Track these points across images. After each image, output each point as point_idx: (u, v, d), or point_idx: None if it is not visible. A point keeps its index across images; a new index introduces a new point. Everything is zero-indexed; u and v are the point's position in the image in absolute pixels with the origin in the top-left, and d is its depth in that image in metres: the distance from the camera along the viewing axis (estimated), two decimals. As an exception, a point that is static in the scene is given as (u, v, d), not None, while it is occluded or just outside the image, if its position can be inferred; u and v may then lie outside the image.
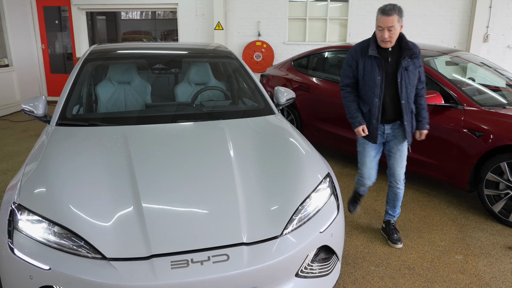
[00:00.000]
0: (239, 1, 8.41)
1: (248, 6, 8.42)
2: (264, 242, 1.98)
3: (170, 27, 15.73)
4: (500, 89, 4.59)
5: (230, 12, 8.47)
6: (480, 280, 2.84)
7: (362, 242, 3.31)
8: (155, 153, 2.48)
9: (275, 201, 2.19)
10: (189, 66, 3.92)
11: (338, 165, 5.10)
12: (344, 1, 8.34)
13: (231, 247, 1.92)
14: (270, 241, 2.00)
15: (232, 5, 8.44)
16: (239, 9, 8.45)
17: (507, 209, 3.62)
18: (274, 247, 1.98)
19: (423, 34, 8.17)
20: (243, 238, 1.96)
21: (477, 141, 3.69)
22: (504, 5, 7.87)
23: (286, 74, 5.75)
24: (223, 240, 1.95)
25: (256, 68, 8.42)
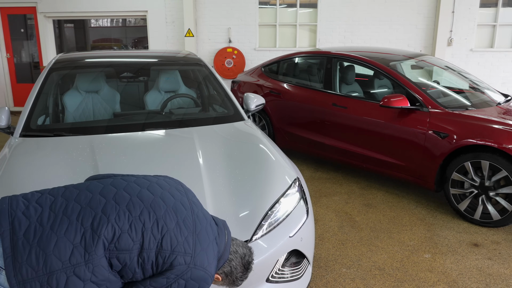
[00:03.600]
0: (209, 8, 8.42)
1: (218, 13, 8.44)
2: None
3: (141, 34, 15.56)
4: (463, 91, 4.76)
5: (201, 19, 8.47)
6: (448, 277, 2.92)
7: (334, 245, 3.35)
8: (123, 162, 2.45)
9: (244, 207, 2.20)
10: (159, 74, 3.90)
11: (310, 169, 5.16)
12: (313, 7, 8.48)
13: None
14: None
15: (202, 12, 8.44)
16: (209, 16, 8.46)
17: (472, 207, 3.74)
18: (243, 253, 1.98)
19: (390, 38, 8.39)
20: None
21: (442, 142, 3.81)
22: (466, 10, 8.18)
23: (257, 80, 5.79)
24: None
25: (227, 74, 8.44)
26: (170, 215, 1.50)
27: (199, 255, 1.49)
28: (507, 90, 8.13)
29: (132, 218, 1.44)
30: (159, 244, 1.44)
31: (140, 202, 1.49)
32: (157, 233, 1.45)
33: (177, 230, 1.49)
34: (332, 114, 4.72)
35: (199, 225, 1.55)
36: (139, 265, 1.44)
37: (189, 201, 1.62)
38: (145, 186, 1.57)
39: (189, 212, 1.56)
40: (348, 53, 4.97)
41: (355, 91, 5.00)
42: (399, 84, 4.30)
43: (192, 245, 1.49)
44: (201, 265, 1.49)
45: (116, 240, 1.41)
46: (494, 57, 8.39)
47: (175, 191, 1.61)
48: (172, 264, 1.44)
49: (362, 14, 8.34)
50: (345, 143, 4.64)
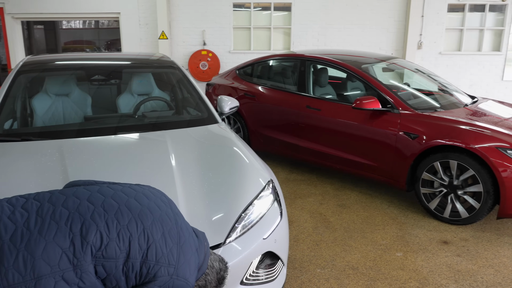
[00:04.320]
0: (183, 10, 8.38)
1: (193, 15, 8.41)
2: (207, 252, 1.97)
3: (115, 36, 15.31)
4: (433, 93, 4.89)
5: (175, 21, 8.41)
6: (419, 275, 3.00)
7: (309, 246, 3.38)
8: (94, 167, 2.41)
9: (218, 210, 2.20)
10: (131, 77, 3.85)
11: (285, 171, 5.19)
12: (287, 11, 8.55)
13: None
14: (213, 251, 1.99)
15: (176, 14, 8.39)
16: (183, 18, 8.41)
17: (441, 206, 3.85)
18: (217, 256, 1.98)
19: (362, 41, 8.54)
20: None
21: (412, 142, 3.90)
22: (435, 14, 8.42)
23: (232, 83, 5.79)
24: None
25: (202, 77, 8.41)
26: (156, 226, 1.51)
27: (182, 267, 1.51)
28: (474, 92, 8.40)
29: (120, 227, 1.44)
30: (144, 254, 1.45)
31: (128, 212, 1.49)
32: (143, 243, 1.46)
33: (163, 241, 1.49)
34: (306, 116, 4.77)
35: (183, 237, 1.57)
36: (123, 273, 1.44)
37: (173, 212, 1.63)
38: (133, 196, 1.57)
39: (173, 223, 1.57)
40: (322, 56, 5.04)
41: (329, 93, 5.07)
42: (371, 87, 4.39)
43: (176, 256, 1.50)
44: (183, 276, 1.51)
45: (104, 248, 1.40)
46: (462, 60, 8.66)
47: (160, 202, 1.62)
48: (155, 275, 1.45)
49: (335, 17, 8.47)
50: (319, 145, 4.70)
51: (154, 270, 1.45)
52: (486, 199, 3.53)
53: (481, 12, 8.55)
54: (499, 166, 3.41)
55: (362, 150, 4.32)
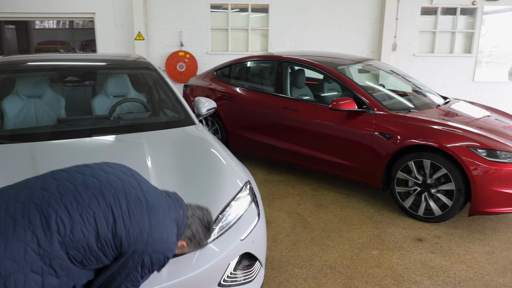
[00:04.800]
0: (160, 11, 8.30)
1: (170, 16, 8.34)
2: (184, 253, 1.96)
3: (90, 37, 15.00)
4: (407, 94, 5.00)
5: (151, 22, 8.33)
6: (394, 272, 3.05)
7: (287, 246, 3.40)
8: (67, 170, 2.35)
9: (195, 212, 2.18)
10: (106, 78, 3.79)
11: (263, 172, 5.21)
12: (265, 12, 8.59)
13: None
14: (189, 253, 1.98)
15: (153, 15, 8.31)
16: (160, 19, 8.34)
17: (416, 204, 3.93)
18: (194, 258, 1.97)
19: (339, 43, 8.66)
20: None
21: (387, 142, 3.98)
22: (409, 17, 8.61)
23: (210, 84, 5.77)
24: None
25: (179, 78, 8.35)
26: (120, 198, 1.51)
27: (155, 230, 1.53)
28: (446, 92, 8.63)
29: (81, 208, 1.44)
30: (113, 228, 1.46)
31: (86, 190, 1.48)
32: (109, 217, 1.46)
33: (130, 211, 1.51)
34: (284, 117, 4.79)
35: (151, 201, 1.59)
36: (99, 250, 1.45)
37: (137, 180, 1.63)
38: (88, 173, 1.56)
39: (138, 190, 1.58)
40: (299, 57, 5.08)
41: (306, 94, 5.11)
42: (347, 88, 4.45)
43: (147, 222, 1.52)
44: (160, 238, 1.53)
45: (70, 232, 1.40)
46: (435, 61, 8.88)
47: (120, 173, 1.62)
48: (130, 244, 1.48)
49: (312, 19, 8.55)
50: (296, 146, 4.73)
51: (128, 240, 1.47)
52: (458, 197, 3.63)
53: (452, 15, 8.78)
54: (470, 164, 3.52)
55: (339, 150, 4.38)
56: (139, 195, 1.56)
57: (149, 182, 1.69)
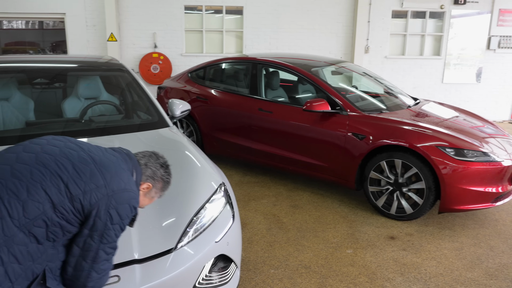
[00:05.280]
0: (133, 12, 8.19)
1: (143, 17, 8.24)
2: (158, 257, 1.95)
3: (61, 37, 14.63)
4: (379, 95, 5.10)
5: (124, 23, 8.21)
6: (368, 270, 3.11)
7: (262, 247, 3.41)
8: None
9: (169, 215, 2.17)
10: (77, 80, 3.71)
11: (238, 174, 5.21)
12: (239, 14, 8.60)
13: (121, 267, 1.85)
14: (164, 256, 1.97)
15: (125, 16, 8.19)
16: (133, 20, 8.23)
17: (388, 203, 4.02)
18: (168, 261, 1.96)
19: (313, 46, 8.76)
20: (135, 255, 1.91)
21: (360, 143, 4.05)
22: (380, 20, 8.79)
23: (184, 86, 5.73)
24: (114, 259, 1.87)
25: (153, 80, 8.26)
26: (62, 162, 1.51)
27: (112, 181, 1.54)
28: (417, 93, 8.84)
29: (25, 183, 1.42)
30: (67, 192, 1.46)
31: (24, 166, 1.47)
32: (59, 183, 1.46)
33: (78, 171, 1.51)
34: (259, 119, 4.81)
35: (97, 157, 1.60)
36: (61, 219, 1.44)
37: (74, 143, 1.64)
38: (21, 150, 1.56)
39: (79, 151, 1.59)
40: (273, 59, 5.11)
41: (280, 96, 5.15)
42: (321, 89, 4.51)
43: (100, 176, 1.53)
44: (118, 188, 1.55)
45: (24, 212, 1.38)
46: (405, 63, 9.10)
47: (55, 141, 1.62)
48: (91, 203, 1.48)
49: (286, 21, 8.62)
50: (272, 147, 4.76)
51: (87, 199, 1.48)
52: (428, 195, 3.73)
53: (422, 19, 9.02)
54: (439, 164, 3.62)
55: (313, 151, 4.43)
56: (82, 155, 1.57)
57: (89, 143, 1.70)
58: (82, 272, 1.53)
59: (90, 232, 1.50)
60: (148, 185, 1.74)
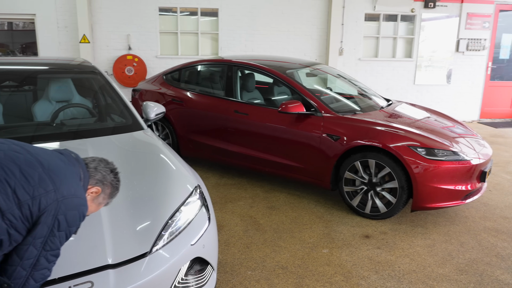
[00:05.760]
0: (106, 13, 8.06)
1: (116, 19, 8.12)
2: (132, 262, 1.93)
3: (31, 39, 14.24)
4: (353, 97, 5.19)
5: (97, 24, 8.07)
6: (343, 269, 3.16)
7: (239, 249, 3.42)
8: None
9: (143, 219, 2.15)
10: (48, 83, 3.63)
11: (215, 176, 5.20)
12: (214, 16, 8.58)
13: (95, 272, 1.82)
14: (138, 260, 1.95)
15: (98, 17, 8.05)
16: (106, 21, 8.09)
17: (363, 202, 4.09)
18: (143, 266, 1.94)
19: (288, 48, 8.82)
20: (109, 260, 1.88)
21: (335, 144, 4.11)
22: (354, 23, 8.94)
23: (159, 88, 5.68)
24: (87, 265, 1.84)
25: (128, 82, 8.15)
26: (9, 165, 1.44)
27: (62, 186, 1.49)
28: (390, 95, 9.03)
29: None
30: (14, 198, 1.39)
31: None
32: (7, 188, 1.39)
33: (25, 175, 1.44)
34: (235, 121, 4.82)
35: (45, 160, 1.54)
36: (10, 226, 1.37)
37: (19, 146, 1.58)
38: None
39: (26, 154, 1.53)
40: (248, 61, 5.13)
41: (256, 98, 5.17)
42: (296, 91, 4.55)
43: (49, 181, 1.47)
44: (68, 193, 1.50)
45: None
46: (379, 65, 9.28)
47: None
48: (40, 208, 1.42)
49: (261, 24, 8.65)
50: (248, 149, 4.77)
51: (36, 205, 1.42)
52: (401, 194, 3.82)
53: (394, 22, 9.22)
54: (411, 163, 3.71)
55: (289, 152, 4.46)
56: (29, 158, 1.51)
57: (34, 146, 1.65)
58: (19, 280, 1.45)
59: (33, 241, 1.42)
60: (97, 189, 1.69)
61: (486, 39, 9.44)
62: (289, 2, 8.63)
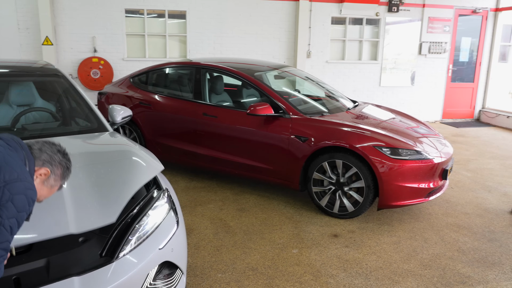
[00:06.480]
0: (70, 15, 7.86)
1: (81, 21, 7.93)
2: (98, 268, 1.89)
3: (-10, 41, 13.72)
4: (321, 99, 5.28)
5: (60, 26, 7.85)
6: (312, 268, 3.20)
7: (209, 252, 3.40)
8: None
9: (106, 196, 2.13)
10: (9, 86, 3.50)
11: (184, 180, 5.16)
12: (182, 19, 8.53)
13: (59, 280, 1.77)
14: (104, 267, 1.91)
15: (61, 19, 7.84)
16: (70, 23, 7.89)
17: (331, 202, 4.16)
18: (109, 272, 1.91)
19: (257, 50, 8.87)
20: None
21: (303, 145, 4.17)
22: (321, 26, 9.09)
23: (126, 91, 5.59)
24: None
25: (94, 85, 7.97)
26: None
27: (2, 172, 1.46)
28: (357, 96, 9.24)
29: None
30: None
31: None
32: None
33: None
34: (203, 124, 4.80)
35: None
36: None
37: None
38: None
39: None
40: (217, 64, 5.13)
41: (225, 100, 5.17)
42: (264, 94, 4.58)
43: None
44: (11, 178, 1.47)
45: None
46: (345, 68, 9.47)
47: None
48: None
49: (230, 27, 8.67)
50: (217, 151, 4.76)
51: None
52: (368, 193, 3.91)
53: (360, 25, 9.45)
54: (376, 163, 3.81)
55: (258, 154, 4.48)
56: None
57: None
58: None
59: None
60: (46, 171, 1.66)
61: (446, 42, 9.82)
62: (257, 5, 8.69)
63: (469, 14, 9.91)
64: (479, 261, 3.38)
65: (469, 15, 9.92)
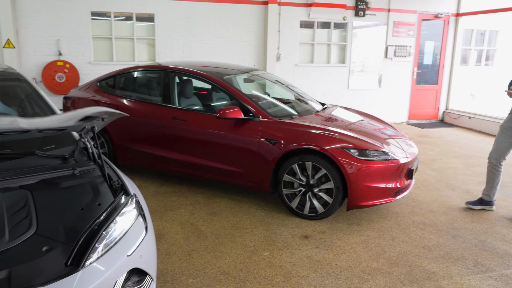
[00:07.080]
0: (33, 17, 7.62)
1: (45, 23, 7.70)
2: (63, 278, 1.83)
3: None
4: (290, 101, 5.33)
5: (23, 28, 7.60)
6: (284, 270, 3.22)
7: (180, 257, 3.37)
8: None
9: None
10: (-34, 91, 3.36)
11: (155, 185, 5.09)
12: (151, 21, 8.43)
13: (21, 292, 1.72)
14: (70, 276, 1.86)
15: (24, 21, 7.59)
16: (33, 25, 7.65)
17: (302, 204, 4.21)
18: (75, 281, 1.85)
19: (226, 53, 8.87)
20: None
21: (273, 148, 4.19)
22: (289, 29, 9.19)
23: (93, 95, 5.47)
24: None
25: (59, 90, 7.75)
26: None
27: None
28: (326, 99, 9.39)
29: None
30: None
31: None
32: None
33: None
34: (173, 128, 4.76)
35: None
36: None
37: None
38: None
39: None
40: (186, 67, 5.09)
41: (194, 104, 5.14)
42: (233, 97, 4.59)
43: None
44: None
45: None
46: (314, 71, 9.61)
47: None
48: None
49: (199, 30, 8.63)
50: (187, 156, 4.72)
51: None
52: (337, 194, 3.98)
53: (328, 29, 9.62)
54: (345, 164, 3.88)
55: (228, 158, 4.48)
56: None
57: None
58: None
59: None
60: None
61: (411, 46, 10.13)
62: (226, 8, 8.70)
63: (432, 19, 10.26)
64: (443, 257, 3.49)
65: (432, 20, 10.28)
